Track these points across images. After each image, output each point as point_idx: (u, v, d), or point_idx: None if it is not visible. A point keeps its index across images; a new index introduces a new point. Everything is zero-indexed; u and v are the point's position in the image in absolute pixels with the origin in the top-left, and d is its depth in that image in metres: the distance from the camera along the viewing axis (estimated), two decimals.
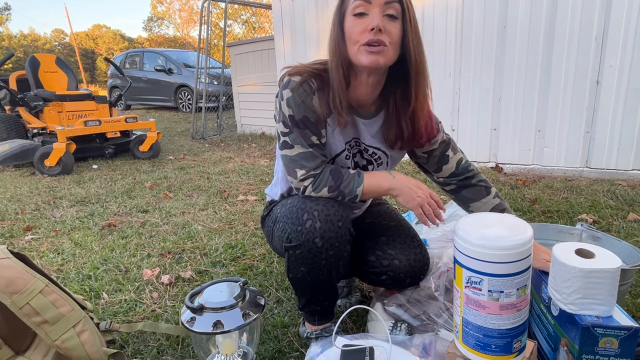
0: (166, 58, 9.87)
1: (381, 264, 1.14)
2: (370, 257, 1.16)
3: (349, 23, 0.94)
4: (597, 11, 2.76)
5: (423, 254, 1.17)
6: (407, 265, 1.13)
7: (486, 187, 1.17)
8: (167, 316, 1.41)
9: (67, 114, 4.33)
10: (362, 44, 0.92)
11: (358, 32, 0.92)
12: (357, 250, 1.20)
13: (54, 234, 2.21)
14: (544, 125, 3.11)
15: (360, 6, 0.91)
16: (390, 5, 0.91)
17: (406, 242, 1.17)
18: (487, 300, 0.76)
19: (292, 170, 1.04)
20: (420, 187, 1.03)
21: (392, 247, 1.16)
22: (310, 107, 1.00)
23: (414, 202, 1.02)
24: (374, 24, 0.89)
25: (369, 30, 0.91)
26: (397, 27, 0.93)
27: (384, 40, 0.91)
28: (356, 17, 0.92)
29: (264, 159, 4.23)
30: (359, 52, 0.93)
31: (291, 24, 4.52)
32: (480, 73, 3.29)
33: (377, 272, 1.15)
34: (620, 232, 1.94)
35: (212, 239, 2.08)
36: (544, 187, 2.76)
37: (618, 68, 2.79)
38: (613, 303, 0.80)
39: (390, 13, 0.91)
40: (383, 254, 1.15)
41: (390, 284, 1.17)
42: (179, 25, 37.87)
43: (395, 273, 1.13)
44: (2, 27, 33.92)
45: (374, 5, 0.91)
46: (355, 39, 0.93)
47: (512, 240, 0.72)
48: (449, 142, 1.18)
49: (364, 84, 1.02)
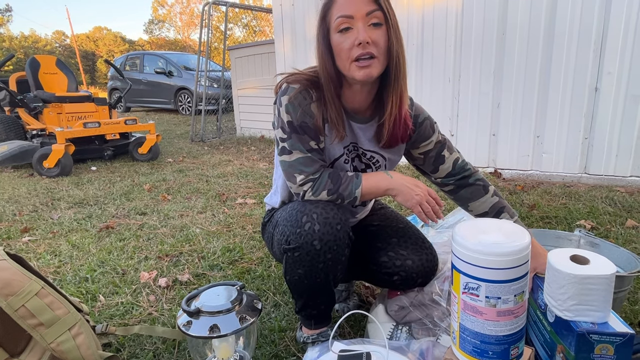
0: (166, 61, 9.89)
1: (394, 264, 1.15)
2: (383, 258, 1.17)
3: (336, 40, 0.95)
4: (596, 18, 2.78)
5: (434, 254, 1.19)
6: (420, 265, 1.15)
7: (484, 185, 1.18)
8: (163, 319, 1.40)
9: (67, 115, 4.33)
10: (352, 60, 0.93)
11: (347, 49, 0.93)
12: (365, 253, 1.21)
13: (51, 236, 2.21)
14: (543, 131, 3.12)
15: (344, 22, 0.92)
16: (373, 15, 0.92)
17: (417, 243, 1.19)
18: (484, 307, 0.76)
19: (291, 176, 1.04)
20: (418, 186, 1.03)
21: (404, 247, 1.18)
22: (308, 112, 1.01)
23: (412, 201, 1.02)
24: (360, 39, 0.91)
25: (356, 45, 0.91)
26: (383, 33, 0.94)
27: (373, 51, 0.92)
28: (341, 33, 0.93)
29: (262, 162, 4.23)
30: (352, 68, 0.94)
31: (291, 28, 4.53)
32: (479, 79, 3.30)
33: (390, 273, 1.16)
34: (619, 238, 1.95)
35: (210, 242, 2.07)
36: (542, 193, 2.77)
37: (616, 75, 2.80)
38: (608, 309, 0.80)
39: (373, 22, 0.92)
40: (395, 254, 1.16)
41: (401, 285, 1.18)
42: (180, 28, 38.02)
43: (408, 273, 1.15)
44: (3, 29, 33.99)
45: (357, 20, 0.92)
46: (345, 55, 0.94)
47: (510, 246, 0.72)
48: (444, 142, 1.19)
49: (357, 93, 1.04)
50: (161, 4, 38.04)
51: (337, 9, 0.93)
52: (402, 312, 1.16)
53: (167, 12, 38.31)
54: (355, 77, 0.95)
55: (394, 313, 1.18)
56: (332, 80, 0.99)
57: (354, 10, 0.91)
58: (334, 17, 0.94)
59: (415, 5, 3.49)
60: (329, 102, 1.01)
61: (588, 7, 2.79)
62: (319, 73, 1.01)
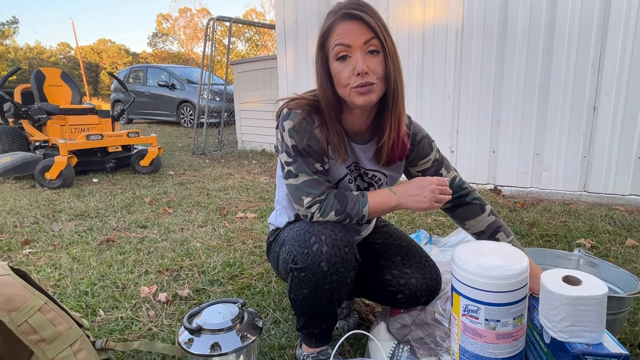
0: (169, 74, 10.00)
1: (398, 282, 1.16)
2: (387, 276, 1.18)
3: (335, 67, 0.97)
4: (594, 38, 2.83)
5: (437, 273, 1.20)
6: (424, 284, 1.16)
7: (480, 204, 1.19)
8: (163, 335, 1.40)
9: (70, 127, 4.37)
10: (352, 87, 0.95)
11: (346, 77, 0.96)
12: (368, 271, 1.22)
13: (52, 248, 2.21)
14: (542, 149, 3.15)
15: (342, 51, 0.95)
16: (370, 43, 0.94)
17: (421, 262, 1.20)
18: (483, 329, 0.76)
19: (298, 199, 1.05)
20: (422, 187, 1.02)
21: (408, 266, 1.19)
22: (312, 136, 1.03)
23: (425, 204, 1.00)
24: (359, 69, 0.93)
25: (355, 75, 0.94)
26: (380, 61, 0.96)
27: (372, 80, 0.95)
28: (340, 60, 0.96)
29: (263, 175, 4.25)
30: (351, 95, 0.97)
31: (294, 44, 4.60)
32: (479, 96, 3.35)
33: (394, 291, 1.17)
34: (619, 257, 1.95)
35: (210, 256, 2.08)
36: (542, 211, 2.78)
37: (614, 95, 2.84)
38: (602, 330, 0.80)
39: (370, 49, 0.95)
40: (400, 272, 1.17)
41: (405, 303, 1.19)
42: (183, 41, 38.50)
43: (412, 292, 1.15)
44: (9, 40, 34.41)
45: (355, 48, 0.94)
46: (344, 82, 0.96)
47: (508, 270, 0.73)
48: (442, 161, 1.21)
49: (357, 116, 1.06)
50: (165, 18, 38.62)
51: (335, 38, 0.96)
52: (404, 330, 1.16)
53: (171, 26, 38.88)
54: (356, 102, 0.97)
55: (395, 331, 1.18)
56: (332, 106, 1.02)
57: (351, 40, 0.93)
58: (332, 46, 0.96)
59: (415, 23, 3.55)
60: (330, 126, 1.03)
61: (586, 27, 2.84)
62: (320, 98, 1.04)
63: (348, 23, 0.94)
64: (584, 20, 2.84)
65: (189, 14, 37.74)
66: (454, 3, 3.32)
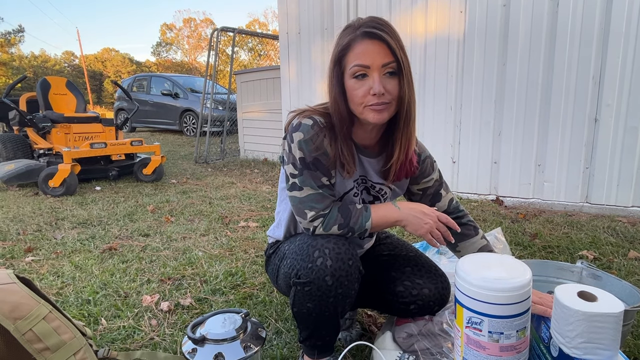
0: (173, 83, 10.08)
1: (410, 293, 1.17)
2: (399, 288, 1.19)
3: (350, 85, 0.98)
4: (594, 51, 2.86)
5: (447, 281, 1.22)
6: (437, 293, 1.17)
7: (474, 227, 1.23)
8: (165, 344, 1.40)
9: (74, 135, 4.41)
10: (366, 105, 0.96)
11: (361, 96, 0.96)
12: (379, 283, 1.23)
13: (54, 256, 2.22)
14: (544, 160, 3.15)
15: (360, 71, 0.95)
16: (389, 66, 0.95)
17: (431, 271, 1.21)
18: (487, 342, 0.77)
19: (301, 212, 1.06)
20: (426, 214, 1.04)
21: (419, 276, 1.19)
22: (322, 149, 1.03)
23: (422, 230, 1.04)
24: (376, 90, 0.93)
25: (371, 95, 0.95)
26: (396, 82, 0.97)
27: (386, 100, 0.96)
28: (356, 79, 0.97)
29: (265, 184, 4.26)
30: (365, 112, 0.98)
31: (297, 55, 4.65)
32: (480, 107, 3.37)
33: (407, 302, 1.17)
34: (621, 269, 1.94)
35: (212, 265, 2.08)
36: (544, 222, 2.77)
37: (615, 107, 2.86)
38: (617, 348, 0.80)
39: (389, 71, 0.96)
40: (412, 283, 1.18)
41: (417, 313, 1.19)
42: (187, 50, 38.87)
43: (425, 302, 1.16)
44: (15, 48, 34.77)
45: (373, 69, 0.94)
46: (359, 101, 0.97)
47: (512, 282, 0.74)
48: (442, 182, 1.24)
49: (368, 132, 1.08)
50: (169, 28, 39.04)
51: (353, 57, 0.96)
52: (410, 339, 1.16)
53: (175, 35, 39.30)
54: (369, 119, 0.98)
55: (401, 340, 1.17)
56: (344, 120, 1.02)
57: (370, 61, 0.94)
58: (350, 64, 0.96)
59: (417, 35, 3.59)
60: (340, 139, 1.03)
61: (587, 39, 2.87)
62: (331, 112, 1.04)
63: (368, 42, 0.94)
64: (585, 33, 2.87)
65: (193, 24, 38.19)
66: (456, 14, 3.36)
